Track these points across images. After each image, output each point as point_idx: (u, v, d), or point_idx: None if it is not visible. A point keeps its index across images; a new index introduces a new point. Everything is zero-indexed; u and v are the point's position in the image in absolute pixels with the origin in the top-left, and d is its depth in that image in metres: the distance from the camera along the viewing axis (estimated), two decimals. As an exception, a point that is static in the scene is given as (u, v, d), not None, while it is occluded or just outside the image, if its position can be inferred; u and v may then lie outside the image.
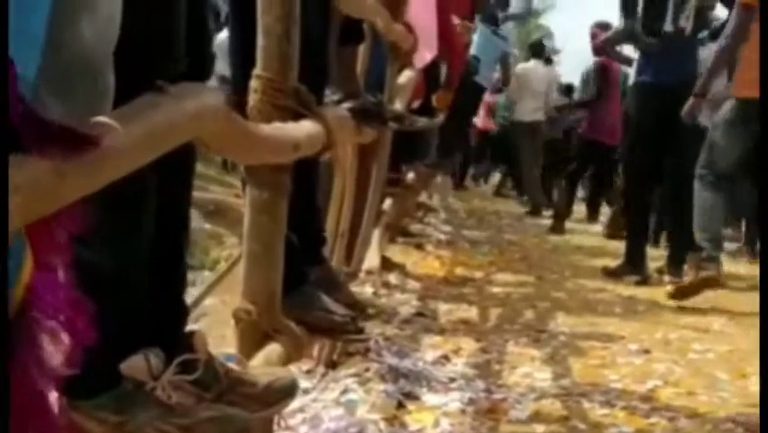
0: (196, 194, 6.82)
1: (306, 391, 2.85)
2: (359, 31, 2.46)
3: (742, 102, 4.17)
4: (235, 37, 1.85)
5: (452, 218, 8.42)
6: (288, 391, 1.52)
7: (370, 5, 2.28)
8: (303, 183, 1.92)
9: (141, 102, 0.85)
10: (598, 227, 8.38)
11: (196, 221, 5.99)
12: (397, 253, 5.32)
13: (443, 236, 6.75)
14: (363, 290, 3.23)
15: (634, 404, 2.74)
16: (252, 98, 1.59)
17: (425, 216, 7.58)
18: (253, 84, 1.60)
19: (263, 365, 1.61)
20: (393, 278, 4.60)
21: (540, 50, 10.18)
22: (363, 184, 3.04)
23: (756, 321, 3.96)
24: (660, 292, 4.81)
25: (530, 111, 9.59)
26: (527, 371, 3.12)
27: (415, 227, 6.69)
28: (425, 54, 3.44)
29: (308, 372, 3.07)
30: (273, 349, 1.72)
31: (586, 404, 2.73)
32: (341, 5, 2.00)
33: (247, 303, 1.72)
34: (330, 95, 2.20)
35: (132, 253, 1.25)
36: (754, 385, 2.98)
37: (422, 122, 4.33)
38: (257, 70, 1.59)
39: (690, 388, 2.94)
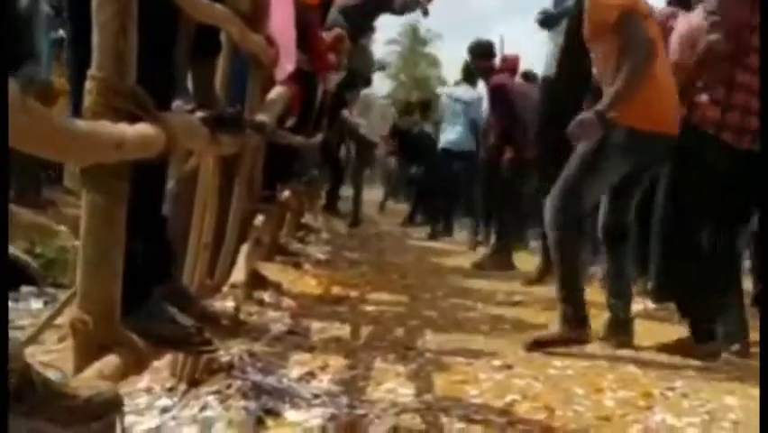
0: (67, 210, 6.63)
1: (165, 410, 2.79)
2: (216, 41, 2.42)
3: None
4: (73, 38, 1.78)
5: (333, 239, 8.42)
6: (110, 405, 1.45)
7: (220, 11, 2.24)
8: (147, 192, 1.87)
9: None
10: (481, 250, 8.47)
11: (68, 239, 5.80)
12: (274, 271, 5.27)
13: (322, 256, 6.73)
14: (225, 304, 3.18)
15: (491, 418, 2.77)
16: (87, 100, 1.54)
17: (306, 236, 7.56)
18: (88, 85, 1.54)
19: (96, 378, 1.55)
20: (268, 296, 4.55)
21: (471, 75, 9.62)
22: (228, 197, 3.00)
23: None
24: (526, 312, 4.93)
25: None
26: (392, 386, 3.13)
27: (294, 247, 6.65)
28: (287, 66, 3.43)
29: (170, 389, 3.00)
30: (109, 361, 1.66)
31: (444, 418, 2.75)
32: (188, 9, 1.96)
33: (83, 313, 1.66)
34: (183, 105, 2.16)
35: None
36: (608, 399, 3.07)
37: (296, 140, 4.32)
38: (92, 71, 1.54)
39: (547, 402, 2.99)
